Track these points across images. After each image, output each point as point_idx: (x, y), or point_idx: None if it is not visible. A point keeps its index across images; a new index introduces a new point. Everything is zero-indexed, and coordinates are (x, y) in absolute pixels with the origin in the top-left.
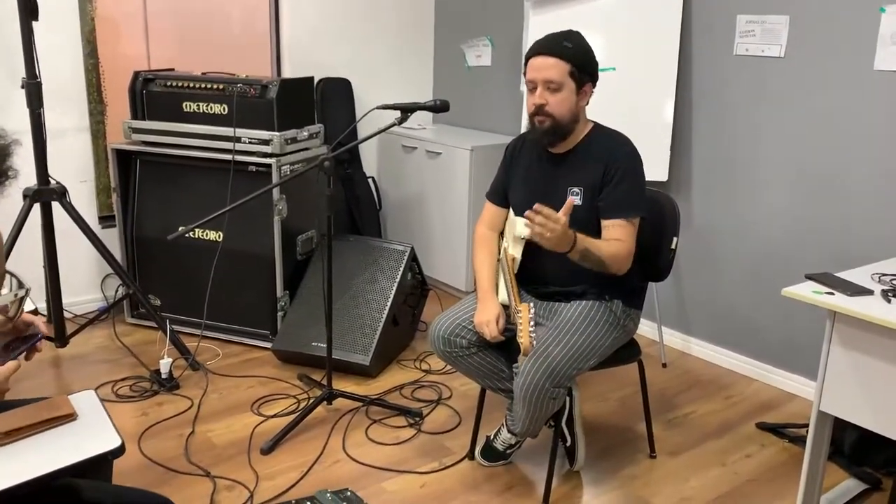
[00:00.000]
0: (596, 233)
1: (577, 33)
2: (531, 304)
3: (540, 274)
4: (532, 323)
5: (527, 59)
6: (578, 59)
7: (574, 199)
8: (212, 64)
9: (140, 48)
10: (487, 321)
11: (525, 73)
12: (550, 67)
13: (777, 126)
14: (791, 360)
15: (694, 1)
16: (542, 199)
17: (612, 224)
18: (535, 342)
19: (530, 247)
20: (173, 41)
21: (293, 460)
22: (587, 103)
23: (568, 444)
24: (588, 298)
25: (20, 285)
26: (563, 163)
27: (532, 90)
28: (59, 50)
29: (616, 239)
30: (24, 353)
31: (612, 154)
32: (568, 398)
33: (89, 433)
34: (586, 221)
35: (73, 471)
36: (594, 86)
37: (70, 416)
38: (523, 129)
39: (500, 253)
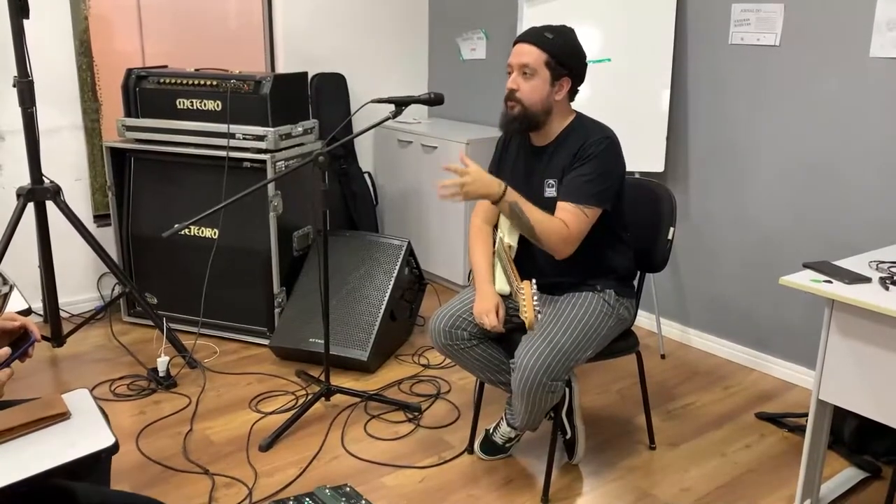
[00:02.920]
0: None
1: (568, 29)
2: (533, 281)
3: (531, 265)
4: (535, 298)
5: (512, 48)
6: (558, 50)
7: (464, 156)
8: (206, 60)
9: (135, 45)
10: (487, 311)
11: None
12: (526, 54)
13: (773, 115)
14: (789, 349)
15: None
16: (523, 192)
17: (562, 207)
18: (539, 316)
19: (524, 238)
20: (168, 38)
21: (292, 457)
22: (567, 98)
23: (567, 436)
24: (580, 290)
25: (4, 281)
26: (543, 155)
27: (509, 74)
28: (51, 48)
29: (560, 219)
30: (16, 359)
31: (585, 141)
32: (567, 390)
33: (82, 432)
34: None
35: (67, 470)
36: (575, 82)
37: (63, 416)
38: None
39: (495, 244)
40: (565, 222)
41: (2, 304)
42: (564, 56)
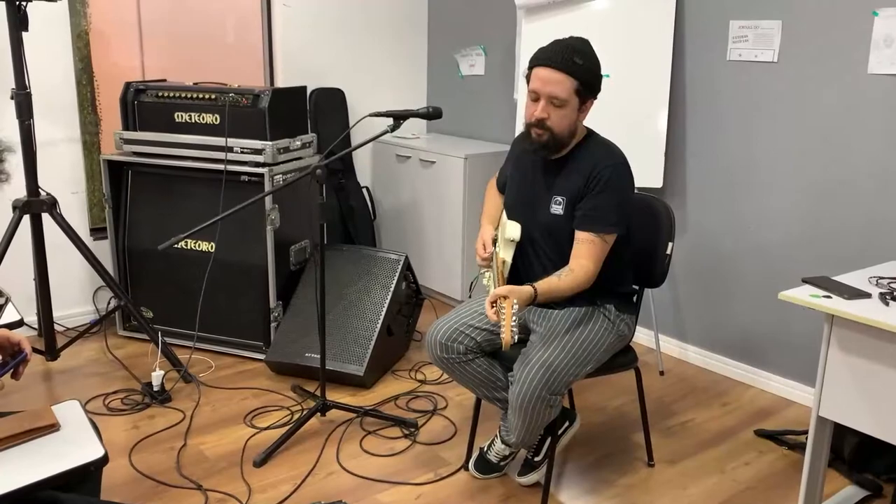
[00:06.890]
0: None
1: (586, 44)
2: (514, 301)
3: (529, 279)
4: (514, 319)
5: (532, 66)
6: (587, 76)
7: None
8: (205, 74)
9: (135, 60)
10: (483, 239)
11: (528, 80)
12: (558, 83)
13: (771, 131)
14: (788, 365)
15: (687, 7)
16: (528, 205)
17: (582, 238)
18: (515, 337)
19: (519, 251)
20: (167, 52)
21: (286, 473)
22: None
23: (536, 458)
24: (579, 304)
25: None
26: (553, 170)
27: (535, 100)
28: (50, 61)
29: (579, 259)
30: (8, 373)
31: (597, 164)
32: (568, 422)
33: (72, 444)
34: (566, 231)
35: (56, 482)
36: (595, 99)
37: (52, 427)
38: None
39: (491, 259)
40: (582, 259)
41: None
42: (592, 80)
